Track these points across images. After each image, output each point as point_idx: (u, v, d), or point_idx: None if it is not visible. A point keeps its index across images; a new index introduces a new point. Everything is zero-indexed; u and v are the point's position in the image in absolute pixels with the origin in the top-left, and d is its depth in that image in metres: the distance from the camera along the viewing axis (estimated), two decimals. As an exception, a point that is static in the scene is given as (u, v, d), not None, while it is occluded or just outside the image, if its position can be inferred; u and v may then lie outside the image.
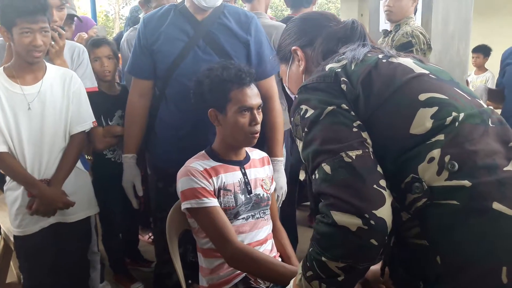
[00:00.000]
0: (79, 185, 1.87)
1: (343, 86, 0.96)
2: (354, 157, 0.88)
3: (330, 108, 0.94)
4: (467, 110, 0.91)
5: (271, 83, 1.94)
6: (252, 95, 1.54)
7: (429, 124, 0.89)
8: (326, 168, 0.90)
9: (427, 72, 0.98)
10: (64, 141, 1.79)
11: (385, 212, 0.85)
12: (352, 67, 0.99)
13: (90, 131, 1.95)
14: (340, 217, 0.85)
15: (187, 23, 1.81)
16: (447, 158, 0.85)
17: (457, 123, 0.88)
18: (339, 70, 0.99)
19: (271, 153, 1.85)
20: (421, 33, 2.48)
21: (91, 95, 1.96)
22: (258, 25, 1.88)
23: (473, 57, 4.74)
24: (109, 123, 2.26)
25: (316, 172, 0.92)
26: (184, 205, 1.50)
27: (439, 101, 0.91)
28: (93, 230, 2.06)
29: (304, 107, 0.99)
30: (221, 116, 1.55)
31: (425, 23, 3.13)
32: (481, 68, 4.99)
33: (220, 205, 1.51)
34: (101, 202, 2.00)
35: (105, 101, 2.22)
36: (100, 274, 2.20)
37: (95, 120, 1.90)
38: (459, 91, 0.96)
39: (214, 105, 1.56)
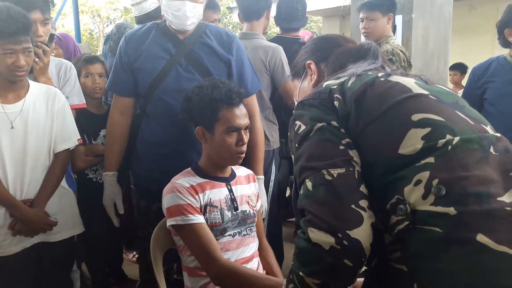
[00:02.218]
0: (63, 204, 1.83)
1: (336, 103, 0.96)
2: (335, 175, 0.88)
3: (319, 124, 0.95)
4: (465, 135, 0.87)
5: (252, 102, 1.94)
6: (241, 116, 1.55)
7: (419, 145, 0.86)
8: (308, 184, 0.90)
9: (426, 93, 0.95)
10: (48, 159, 1.76)
11: (361, 233, 0.84)
12: (349, 84, 0.99)
13: (72, 149, 1.92)
14: (315, 235, 0.85)
15: (169, 41, 1.81)
16: (435, 182, 0.82)
17: (449, 147, 0.85)
18: (335, 87, 0.99)
19: (252, 171, 1.84)
20: (401, 51, 2.55)
21: (75, 113, 1.94)
22: (240, 44, 1.90)
23: (450, 75, 4.86)
24: (93, 142, 2.24)
25: (301, 187, 0.93)
26: (170, 222, 1.48)
27: (434, 122, 0.88)
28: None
29: (298, 123, 1.00)
30: (209, 134, 1.55)
31: (406, 42, 3.21)
32: (458, 85, 5.11)
33: (207, 221, 1.50)
34: (84, 223, 1.96)
35: (89, 119, 2.20)
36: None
37: (80, 137, 1.87)
38: (461, 115, 0.92)
39: (202, 123, 1.56)
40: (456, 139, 0.85)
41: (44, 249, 1.78)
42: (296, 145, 0.98)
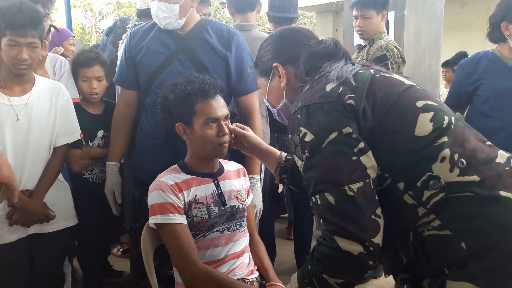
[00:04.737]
0: (59, 197, 1.87)
1: (351, 101, 1.03)
2: (355, 190, 0.99)
3: (331, 136, 1.01)
4: (452, 115, 1.05)
5: (252, 99, 1.94)
6: (218, 107, 1.55)
7: (429, 127, 1.01)
8: (330, 198, 1.00)
9: (414, 84, 1.11)
10: (48, 152, 1.81)
11: (380, 237, 0.99)
12: (354, 83, 1.06)
13: (68, 151, 1.93)
14: (343, 243, 0.99)
15: (169, 37, 1.85)
16: (456, 157, 0.99)
17: (452, 126, 1.02)
18: (341, 89, 1.05)
19: (248, 170, 1.84)
20: (395, 47, 2.56)
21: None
22: (240, 41, 1.89)
23: (442, 71, 4.86)
24: (90, 143, 2.22)
25: (317, 197, 1.03)
26: (151, 220, 1.49)
27: (433, 107, 1.04)
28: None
29: (304, 130, 1.05)
30: (189, 129, 1.56)
31: (398, 39, 3.22)
32: (450, 82, 5.10)
33: (193, 218, 1.51)
34: (78, 220, 1.96)
35: (86, 120, 2.17)
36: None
37: (80, 132, 1.91)
38: (439, 100, 1.10)
39: (180, 119, 1.56)
40: (453, 119, 1.03)
41: (39, 240, 1.80)
42: (307, 154, 1.04)
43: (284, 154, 1.52)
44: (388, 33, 2.83)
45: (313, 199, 1.04)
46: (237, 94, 1.92)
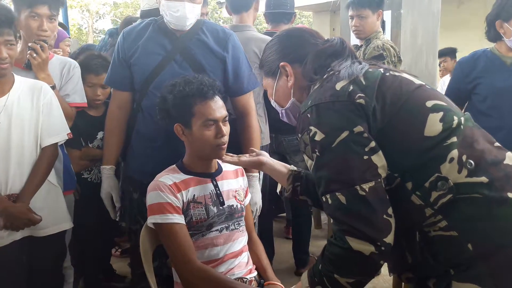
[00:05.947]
0: (50, 200, 1.83)
1: (362, 101, 1.02)
2: (367, 189, 0.97)
3: (342, 135, 1.00)
4: (460, 115, 1.04)
5: (248, 99, 1.95)
6: (216, 108, 1.55)
7: (439, 127, 1.00)
8: (341, 198, 0.99)
9: (424, 83, 1.10)
10: (35, 154, 1.76)
11: (391, 237, 0.98)
12: (364, 82, 1.05)
13: (56, 152, 1.91)
14: (355, 244, 0.97)
15: (165, 38, 1.83)
16: (464, 158, 0.98)
17: (462, 126, 1.01)
18: (352, 87, 1.04)
19: (247, 169, 1.84)
20: (392, 46, 2.57)
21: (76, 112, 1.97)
22: (236, 41, 1.90)
23: (440, 63, 4.75)
24: (89, 145, 2.22)
25: (328, 197, 1.02)
26: (150, 220, 1.50)
27: (442, 107, 1.03)
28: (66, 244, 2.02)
29: (314, 129, 1.04)
30: (187, 130, 1.56)
31: (395, 38, 3.23)
32: (448, 71, 4.84)
33: (191, 218, 1.51)
34: (76, 221, 1.96)
35: (86, 121, 2.17)
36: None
37: (69, 132, 1.87)
38: (448, 99, 1.09)
39: (179, 120, 1.57)
40: (462, 119, 1.03)
41: (33, 243, 1.78)
42: (317, 153, 1.03)
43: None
44: (384, 32, 2.85)
45: (324, 199, 1.03)
46: (233, 94, 1.92)
